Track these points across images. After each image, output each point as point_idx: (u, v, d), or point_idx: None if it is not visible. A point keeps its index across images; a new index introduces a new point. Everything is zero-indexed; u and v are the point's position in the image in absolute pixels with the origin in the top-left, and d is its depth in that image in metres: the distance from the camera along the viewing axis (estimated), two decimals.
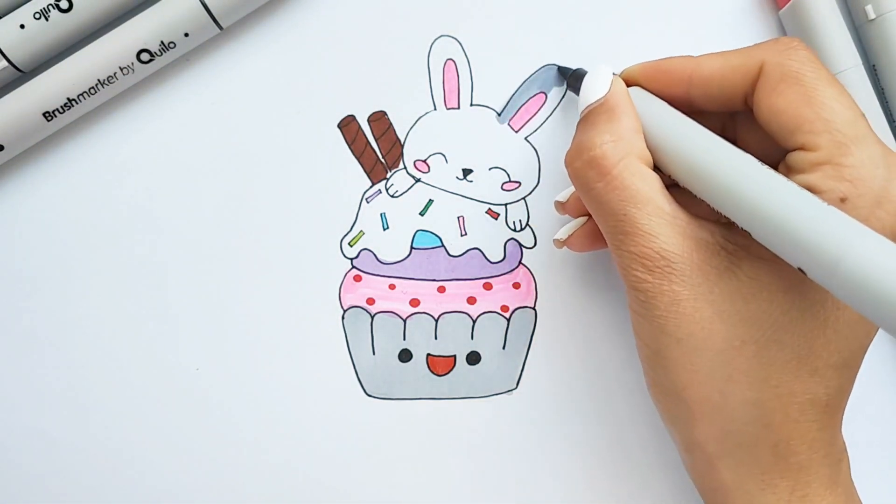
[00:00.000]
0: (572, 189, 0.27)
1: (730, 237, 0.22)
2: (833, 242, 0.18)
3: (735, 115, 0.25)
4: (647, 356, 0.23)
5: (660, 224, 0.22)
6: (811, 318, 0.22)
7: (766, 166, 0.21)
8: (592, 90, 0.24)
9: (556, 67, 0.30)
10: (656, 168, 0.23)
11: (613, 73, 0.25)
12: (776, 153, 0.23)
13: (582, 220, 0.27)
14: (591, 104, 0.24)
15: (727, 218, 0.22)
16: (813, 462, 0.22)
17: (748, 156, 0.21)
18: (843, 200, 0.20)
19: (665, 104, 0.24)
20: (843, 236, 0.18)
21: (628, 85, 0.25)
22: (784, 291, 0.21)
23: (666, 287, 0.22)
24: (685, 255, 0.22)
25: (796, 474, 0.22)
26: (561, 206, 0.27)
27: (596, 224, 0.25)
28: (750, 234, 0.21)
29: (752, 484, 0.22)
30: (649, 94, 0.25)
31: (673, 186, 0.23)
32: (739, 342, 0.21)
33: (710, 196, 0.22)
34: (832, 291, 0.18)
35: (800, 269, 0.19)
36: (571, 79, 0.29)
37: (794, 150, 0.21)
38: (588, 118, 0.24)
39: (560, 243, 0.27)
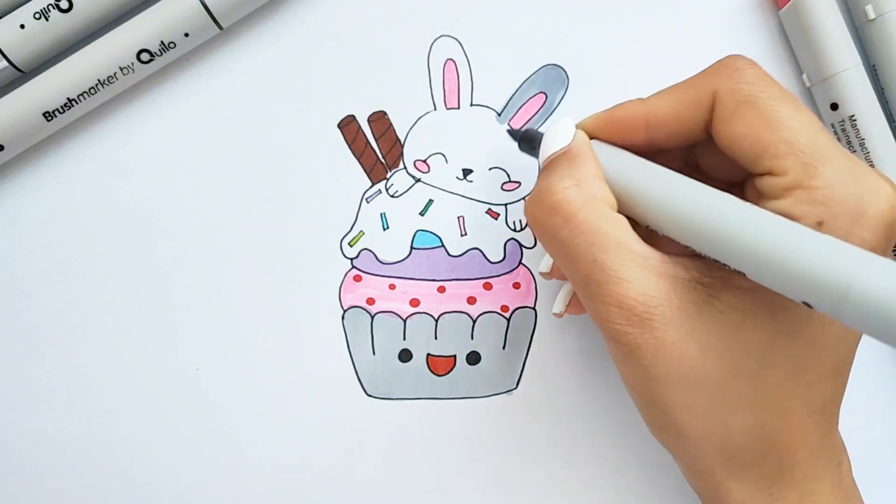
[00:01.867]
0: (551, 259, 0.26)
1: (704, 270, 0.22)
2: (838, 273, 0.17)
3: (694, 145, 0.25)
4: (641, 402, 0.23)
5: (633, 268, 0.21)
6: (799, 337, 0.21)
7: (749, 204, 0.20)
8: (554, 141, 0.24)
9: (507, 131, 0.30)
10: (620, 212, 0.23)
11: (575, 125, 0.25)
12: (741, 175, 0.23)
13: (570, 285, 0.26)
14: (553, 153, 0.23)
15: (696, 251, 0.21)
16: (816, 468, 0.22)
17: (728, 195, 0.21)
18: (819, 224, 0.20)
19: (628, 153, 0.24)
20: (846, 265, 0.17)
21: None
22: (768, 317, 0.21)
23: (648, 335, 0.21)
24: (663, 297, 0.21)
25: (802, 483, 0.22)
26: (546, 276, 0.27)
27: None
28: (743, 273, 0.20)
29: (761, 499, 0.22)
30: (609, 145, 0.24)
31: (637, 225, 0.23)
32: (732, 374, 0.21)
33: (696, 241, 0.21)
34: (843, 321, 0.18)
35: (805, 303, 0.19)
36: (523, 141, 0.28)
37: (762, 174, 0.21)
38: (549, 167, 0.24)
39: (560, 315, 0.27)
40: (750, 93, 0.21)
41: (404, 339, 0.30)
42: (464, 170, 0.30)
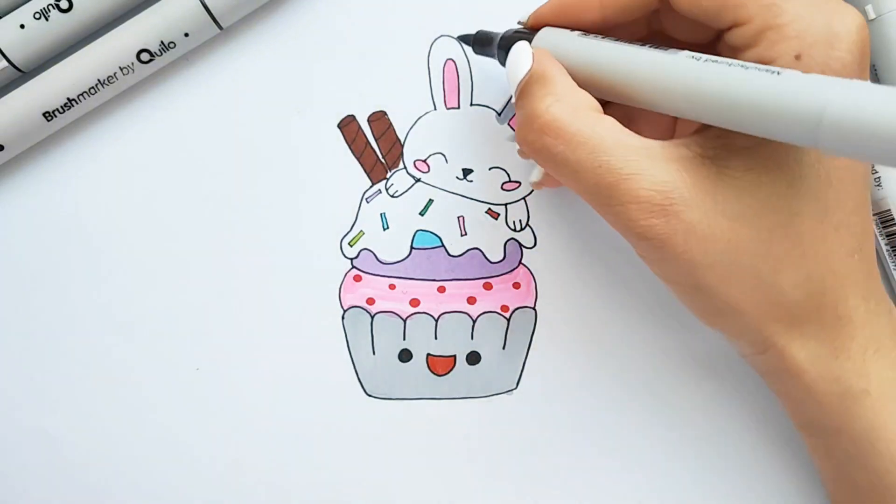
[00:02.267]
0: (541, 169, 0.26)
1: (705, 143, 0.22)
2: (808, 101, 0.18)
3: (658, 13, 0.25)
4: (686, 292, 0.23)
5: (638, 161, 0.21)
6: (815, 180, 0.22)
7: (711, 57, 0.20)
8: (517, 67, 0.23)
9: (458, 37, 0.30)
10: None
11: (530, 45, 0.25)
12: (710, 35, 0.23)
13: None
14: (521, 81, 0.23)
15: (692, 128, 0.21)
16: (872, 313, 0.23)
17: (686, 54, 0.21)
18: (797, 58, 0.20)
19: (587, 38, 0.24)
20: (815, 93, 0.18)
21: (540, 27, 0.25)
22: (781, 167, 0.21)
23: (675, 221, 0.21)
24: (677, 181, 0.21)
25: (863, 329, 0.23)
26: (537, 185, 0.27)
27: None
28: (725, 128, 0.20)
29: (826, 355, 0.23)
30: (565, 32, 0.24)
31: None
32: (767, 233, 0.21)
33: (671, 105, 0.21)
34: (822, 150, 0.18)
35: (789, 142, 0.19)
36: (476, 44, 0.28)
37: (728, 28, 0.21)
38: (523, 92, 0.23)
39: (538, 184, 0.26)
40: None
41: (404, 339, 0.30)
42: (464, 170, 0.30)
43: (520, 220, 0.30)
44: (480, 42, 0.28)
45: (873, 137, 0.16)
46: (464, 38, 0.29)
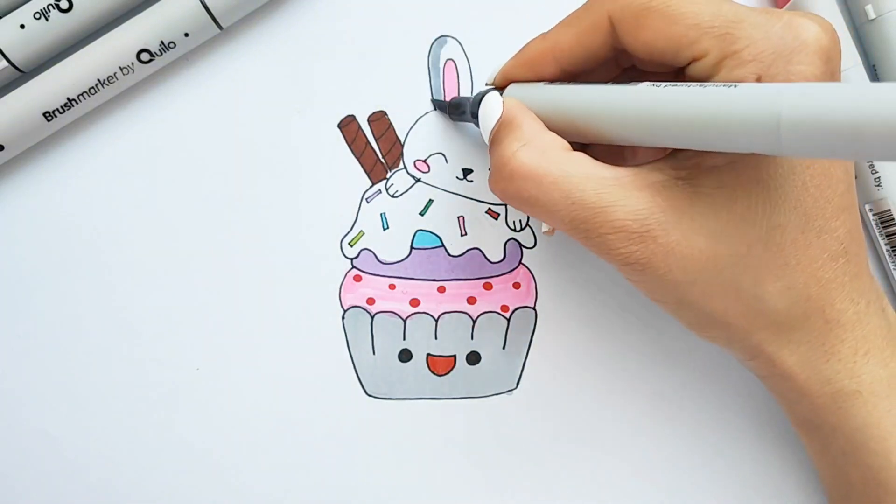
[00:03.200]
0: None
1: (677, 164, 0.22)
2: (764, 108, 0.18)
3: (623, 52, 0.25)
4: (674, 308, 0.23)
5: (611, 191, 0.22)
6: (791, 189, 0.22)
7: (671, 84, 0.21)
8: (488, 117, 0.24)
9: (432, 101, 0.30)
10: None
11: (500, 95, 0.25)
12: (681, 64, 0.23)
13: None
14: (492, 128, 0.24)
15: (661, 153, 0.22)
16: (860, 314, 0.23)
17: (645, 86, 0.21)
18: (759, 79, 0.20)
19: (547, 86, 0.24)
20: (770, 99, 0.18)
21: (506, 85, 0.26)
22: (755, 182, 0.22)
23: (654, 246, 0.21)
24: (652, 206, 0.21)
25: (853, 330, 0.23)
26: (549, 234, 0.27)
27: None
28: (692, 149, 0.21)
29: (817, 358, 0.23)
30: (532, 84, 0.25)
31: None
32: (746, 248, 0.22)
33: (637, 135, 0.21)
34: (789, 154, 0.18)
35: (753, 154, 0.19)
36: (451, 109, 0.29)
37: (689, 64, 0.22)
38: (494, 141, 0.24)
39: (552, 232, 0.27)
40: (639, 3, 0.22)
41: (404, 339, 0.30)
42: (464, 170, 0.30)
43: (520, 220, 0.30)
44: (455, 108, 0.29)
45: (833, 133, 0.16)
46: (439, 105, 0.30)
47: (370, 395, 0.30)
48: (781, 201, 0.22)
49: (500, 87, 0.27)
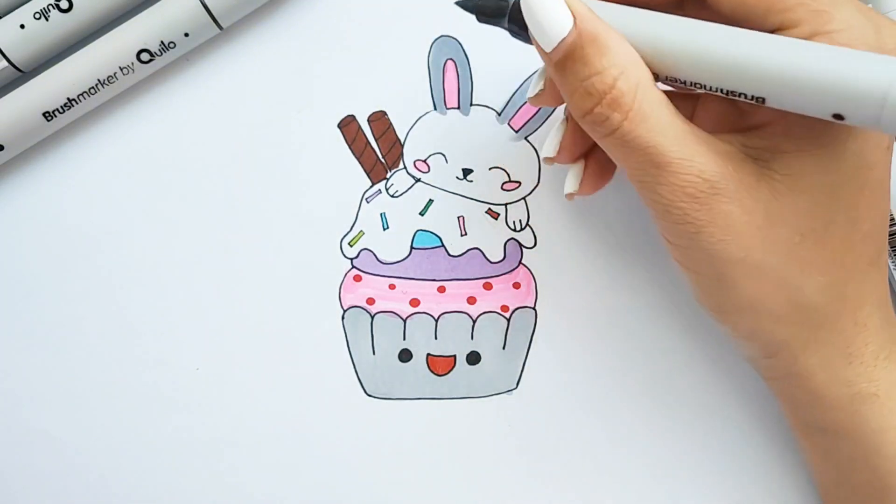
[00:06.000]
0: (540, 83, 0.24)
1: (749, 142, 0.22)
2: (874, 78, 0.17)
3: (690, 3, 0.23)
4: (708, 284, 0.23)
5: (690, 146, 0.21)
6: (852, 189, 0.22)
7: (773, 35, 0.20)
8: (551, 25, 0.21)
9: (456, 3, 0.25)
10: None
11: None
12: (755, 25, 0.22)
13: (580, 164, 0.26)
14: (563, 42, 0.21)
15: (737, 126, 0.21)
16: (883, 320, 0.23)
17: (745, 30, 0.20)
18: None
19: (624, 7, 0.22)
20: (881, 70, 0.17)
21: None
22: (821, 173, 0.21)
23: (717, 211, 0.21)
24: (724, 172, 0.21)
25: (878, 334, 0.23)
26: (534, 101, 0.25)
27: (597, 161, 0.25)
28: (774, 105, 0.20)
29: (838, 360, 0.23)
30: (602, 2, 0.22)
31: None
32: (800, 237, 0.21)
33: (726, 77, 0.20)
34: (883, 129, 0.18)
35: (836, 117, 0.19)
36: (480, 12, 0.24)
37: (773, 31, 0.21)
38: (573, 57, 0.21)
39: (572, 195, 0.26)
40: None
41: (404, 339, 0.30)
42: (464, 170, 0.30)
43: (520, 220, 0.30)
44: (485, 8, 0.24)
45: None
46: (463, 5, 0.24)
47: (370, 395, 0.30)
48: (842, 198, 0.22)
49: None
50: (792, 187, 0.21)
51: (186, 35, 0.28)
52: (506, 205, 0.30)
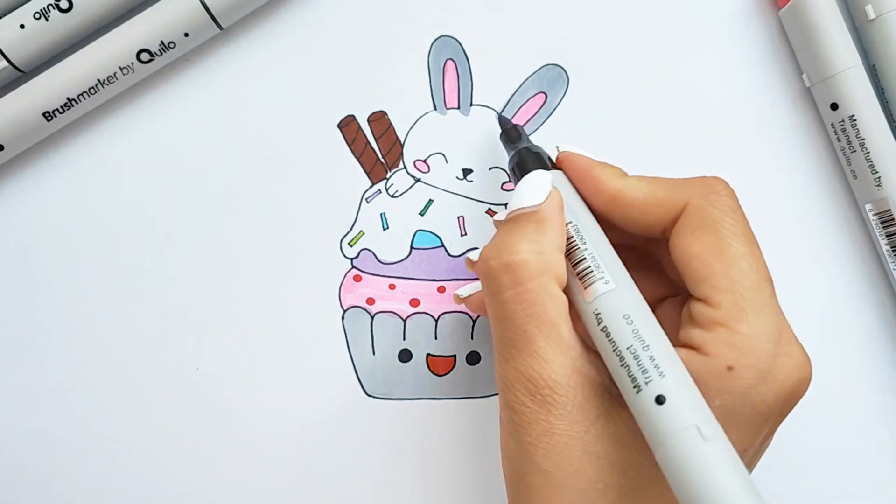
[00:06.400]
0: (476, 288, 0.26)
1: (614, 380, 0.22)
2: (658, 430, 0.19)
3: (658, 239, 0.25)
4: (511, 476, 0.23)
5: (555, 351, 0.21)
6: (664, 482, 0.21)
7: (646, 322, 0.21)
8: (528, 194, 0.23)
9: (498, 117, 0.30)
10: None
11: (552, 180, 0.24)
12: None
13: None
14: (524, 208, 0.23)
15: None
16: None
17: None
18: (729, 369, 0.20)
19: (583, 211, 0.24)
20: (664, 428, 0.18)
21: (558, 166, 0.25)
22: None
23: (543, 417, 0.21)
24: (570, 390, 0.21)
25: None
26: (460, 301, 0.27)
27: None
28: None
29: None
30: (573, 193, 0.24)
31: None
32: (603, 485, 0.21)
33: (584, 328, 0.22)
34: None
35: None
36: (505, 134, 0.28)
37: (698, 299, 0.22)
38: (517, 220, 0.23)
39: (459, 300, 0.27)
40: (717, 218, 0.22)
41: (404, 339, 0.30)
42: (464, 170, 0.30)
43: None
44: (510, 138, 0.28)
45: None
46: (502, 122, 0.29)
47: (370, 395, 0.30)
48: (660, 475, 0.21)
49: (553, 164, 0.26)
50: (624, 442, 0.21)
51: (186, 35, 0.28)
52: (505, 205, 0.30)
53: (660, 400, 0.19)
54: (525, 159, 0.26)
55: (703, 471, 0.17)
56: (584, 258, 0.22)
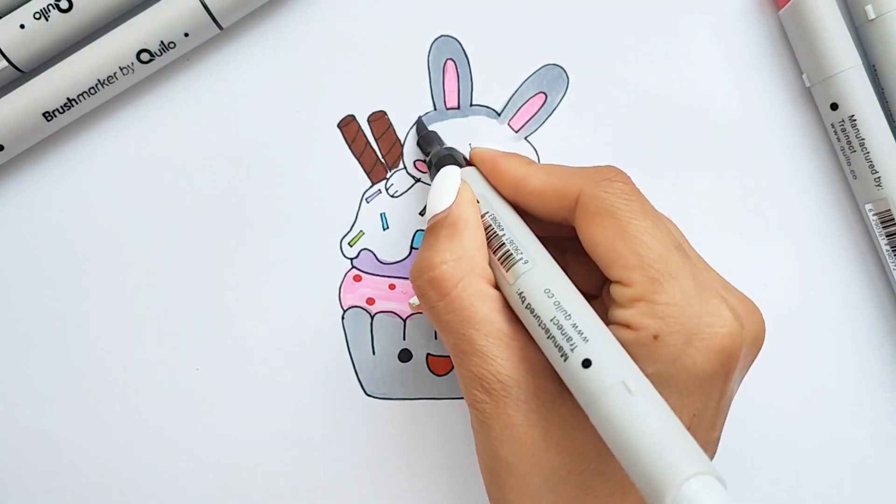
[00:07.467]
0: None
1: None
2: (587, 392, 0.19)
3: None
4: (484, 472, 0.23)
5: (497, 346, 0.22)
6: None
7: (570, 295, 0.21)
8: (438, 199, 0.24)
9: (419, 122, 0.30)
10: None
11: (461, 174, 0.25)
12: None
13: None
14: (437, 215, 0.24)
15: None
16: None
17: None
18: (655, 338, 0.20)
19: (497, 200, 0.24)
20: (593, 388, 0.19)
21: (471, 163, 0.26)
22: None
23: (500, 410, 0.22)
24: (520, 379, 0.22)
25: None
26: (412, 307, 0.28)
27: None
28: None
29: None
30: (487, 186, 0.25)
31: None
32: (566, 472, 0.21)
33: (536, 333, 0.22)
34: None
35: None
36: (422, 139, 0.29)
37: (613, 282, 0.22)
38: (433, 231, 0.24)
39: (413, 307, 0.28)
40: (611, 202, 0.22)
41: (404, 339, 0.30)
42: None
43: None
44: (424, 143, 0.29)
45: None
46: (419, 126, 0.30)
47: (370, 395, 0.30)
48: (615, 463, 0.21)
49: (466, 160, 0.27)
50: (579, 424, 0.21)
51: (186, 35, 0.28)
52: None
53: (586, 364, 0.19)
54: (440, 161, 0.26)
55: (631, 424, 0.17)
56: (504, 244, 0.23)
